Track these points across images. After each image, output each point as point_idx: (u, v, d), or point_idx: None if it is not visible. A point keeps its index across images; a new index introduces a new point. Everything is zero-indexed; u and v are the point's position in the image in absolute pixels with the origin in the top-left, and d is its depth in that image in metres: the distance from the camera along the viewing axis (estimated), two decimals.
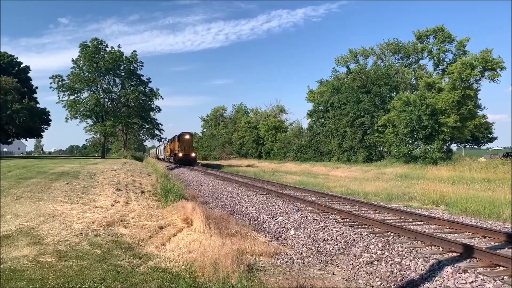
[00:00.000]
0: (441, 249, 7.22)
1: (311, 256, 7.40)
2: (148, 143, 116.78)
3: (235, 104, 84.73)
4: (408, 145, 36.21)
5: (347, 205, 13.05)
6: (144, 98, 53.41)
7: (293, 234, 9.08)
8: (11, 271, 5.39)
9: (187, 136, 45.74)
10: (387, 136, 37.97)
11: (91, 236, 7.47)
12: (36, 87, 61.48)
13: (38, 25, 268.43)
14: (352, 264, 6.83)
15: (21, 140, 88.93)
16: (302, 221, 9.89)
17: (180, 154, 43.85)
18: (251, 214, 11.80)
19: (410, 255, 6.57)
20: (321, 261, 7.12)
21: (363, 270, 6.46)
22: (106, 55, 49.55)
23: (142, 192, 14.61)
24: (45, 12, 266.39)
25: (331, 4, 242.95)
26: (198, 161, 59.24)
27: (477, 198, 12.76)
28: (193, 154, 46.06)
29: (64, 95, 49.52)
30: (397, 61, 48.37)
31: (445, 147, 37.29)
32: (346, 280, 6.14)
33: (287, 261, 6.96)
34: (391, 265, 6.37)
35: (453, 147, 42.09)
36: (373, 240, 7.58)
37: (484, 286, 5.24)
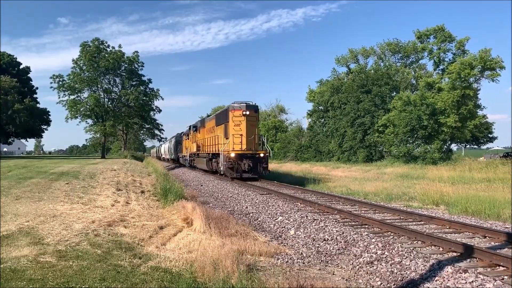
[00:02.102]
0: (441, 249, 7.21)
1: (311, 256, 7.40)
2: (148, 143, 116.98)
3: None
4: (408, 144, 36.23)
5: (347, 205, 13.04)
6: (144, 98, 53.43)
7: (293, 234, 9.08)
8: (11, 271, 5.39)
9: (248, 112, 21.01)
10: (387, 136, 37.98)
11: (91, 236, 7.47)
12: (37, 88, 61.69)
13: (38, 25, 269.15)
14: (352, 264, 6.82)
15: (21, 140, 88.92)
16: (302, 221, 9.88)
17: (232, 154, 20.41)
18: (251, 214, 11.79)
19: (410, 255, 6.56)
20: (321, 261, 7.12)
21: (363, 270, 6.46)
22: (107, 55, 49.58)
23: (142, 192, 14.61)
24: (45, 12, 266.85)
25: (331, 4, 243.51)
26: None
27: (477, 198, 12.75)
28: (262, 154, 21.14)
29: (64, 95, 49.64)
30: (397, 61, 48.39)
31: (445, 147, 37.31)
32: (346, 280, 6.14)
33: (287, 261, 6.96)
34: (391, 265, 6.37)
35: (453, 147, 42.16)
36: (373, 240, 7.57)
37: (484, 286, 5.24)
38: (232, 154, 20.47)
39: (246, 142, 20.94)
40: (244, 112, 20.95)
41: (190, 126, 34.29)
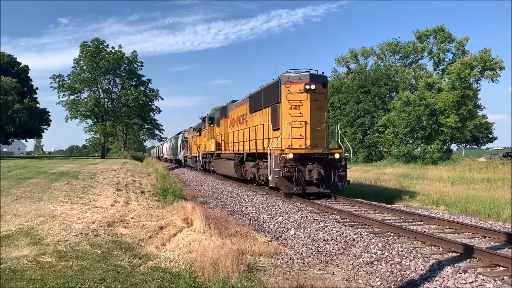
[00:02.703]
0: (441, 249, 7.21)
1: (311, 256, 7.40)
2: (148, 143, 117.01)
3: None
4: (408, 145, 36.28)
5: (347, 205, 13.03)
6: (144, 98, 53.42)
7: (293, 234, 9.07)
8: (11, 271, 5.39)
9: (313, 86, 12.91)
10: (387, 136, 38.02)
11: (91, 236, 7.47)
12: (37, 88, 61.83)
13: (38, 25, 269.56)
14: (352, 264, 6.82)
15: (21, 140, 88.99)
16: (302, 221, 9.88)
17: (291, 155, 12.53)
18: (251, 214, 11.79)
19: (410, 255, 6.56)
20: (321, 261, 7.12)
21: (363, 270, 6.45)
22: (107, 55, 49.58)
23: (142, 192, 14.61)
24: (45, 12, 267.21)
25: (331, 4, 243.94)
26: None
27: (477, 198, 12.76)
28: (337, 155, 13.29)
29: (64, 95, 49.67)
30: (397, 61, 48.43)
31: (445, 147, 37.36)
32: (346, 280, 6.14)
33: (287, 261, 6.95)
34: (391, 265, 6.37)
35: (453, 147, 42.22)
36: (373, 240, 7.57)
37: (484, 286, 5.24)
38: (290, 155, 12.65)
39: (311, 135, 13.28)
40: (307, 86, 12.99)
41: (204, 118, 27.11)
